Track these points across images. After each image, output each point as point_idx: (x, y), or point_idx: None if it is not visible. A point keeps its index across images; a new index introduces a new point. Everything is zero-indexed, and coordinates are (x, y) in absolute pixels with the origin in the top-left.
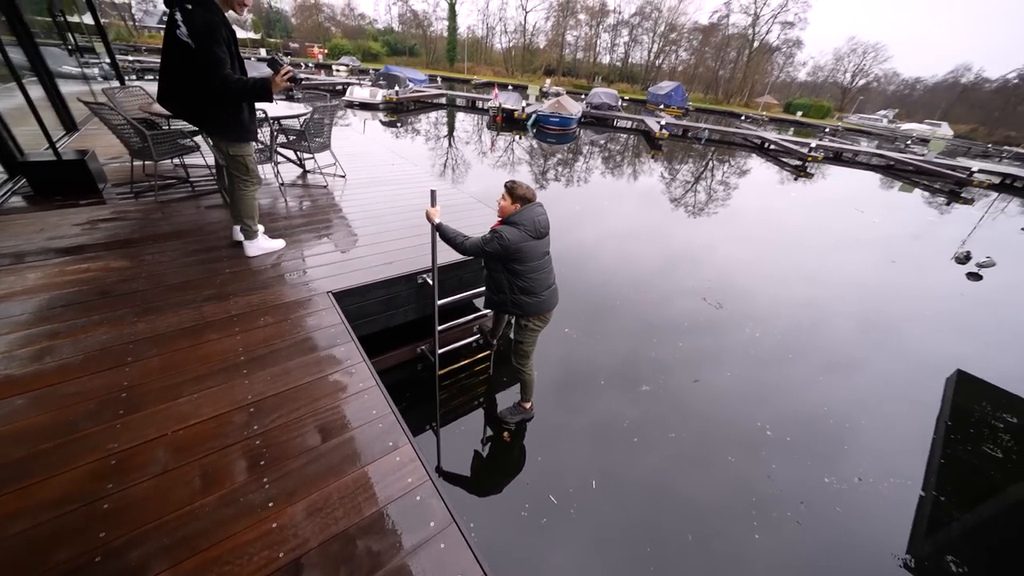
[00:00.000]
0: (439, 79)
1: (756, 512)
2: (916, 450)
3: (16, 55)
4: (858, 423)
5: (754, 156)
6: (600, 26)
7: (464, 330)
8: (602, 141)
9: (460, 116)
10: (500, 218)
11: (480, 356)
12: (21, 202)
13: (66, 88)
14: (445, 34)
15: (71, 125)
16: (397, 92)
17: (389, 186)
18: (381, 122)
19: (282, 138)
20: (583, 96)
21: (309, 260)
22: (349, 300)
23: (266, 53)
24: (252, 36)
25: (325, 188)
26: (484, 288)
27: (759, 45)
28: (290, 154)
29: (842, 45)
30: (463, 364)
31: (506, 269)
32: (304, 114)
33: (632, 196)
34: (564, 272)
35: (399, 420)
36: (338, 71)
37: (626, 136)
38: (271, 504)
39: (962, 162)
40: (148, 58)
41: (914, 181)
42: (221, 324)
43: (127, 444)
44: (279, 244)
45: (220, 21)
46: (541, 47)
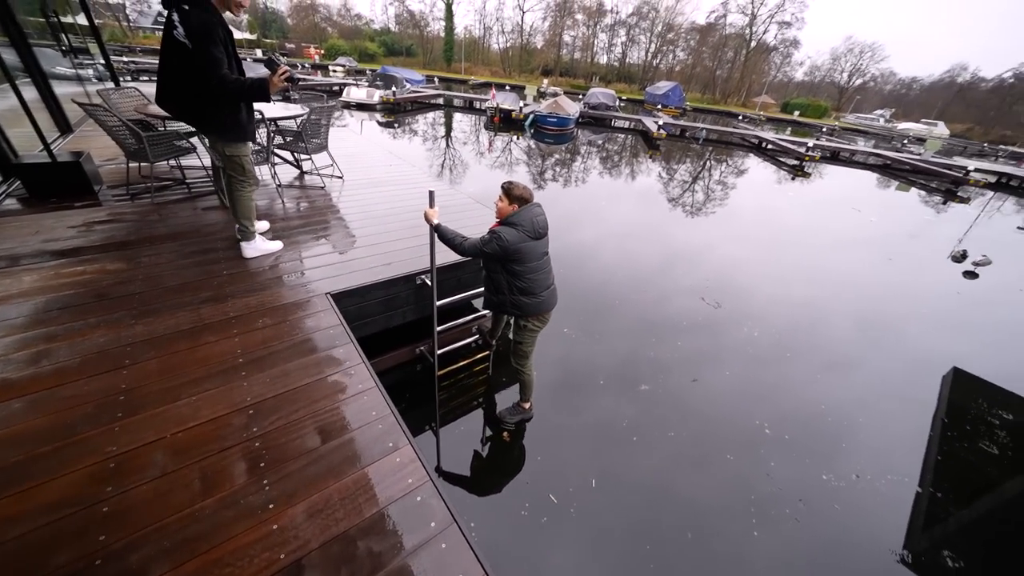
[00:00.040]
0: (436, 79)
1: (755, 510)
2: (913, 447)
3: (9, 56)
4: (856, 421)
5: (751, 156)
6: (597, 26)
7: (463, 331)
8: (600, 141)
9: (458, 117)
10: (498, 219)
11: (479, 357)
12: (16, 204)
13: (60, 89)
14: (442, 34)
15: (66, 127)
16: (394, 93)
17: (387, 187)
18: (378, 123)
19: (279, 139)
20: (581, 96)
21: (307, 261)
22: (348, 301)
23: (262, 54)
24: (248, 37)
25: (323, 189)
26: (483, 289)
27: (756, 45)
28: (287, 155)
29: (839, 45)
30: (462, 365)
31: (505, 270)
32: (301, 115)
33: (630, 196)
34: (563, 272)
35: (399, 421)
36: (334, 72)
37: (624, 136)
38: (271, 506)
39: (958, 161)
40: (143, 59)
41: (911, 180)
42: (219, 326)
43: (126, 447)
44: (277, 246)
45: (217, 21)
46: (538, 47)
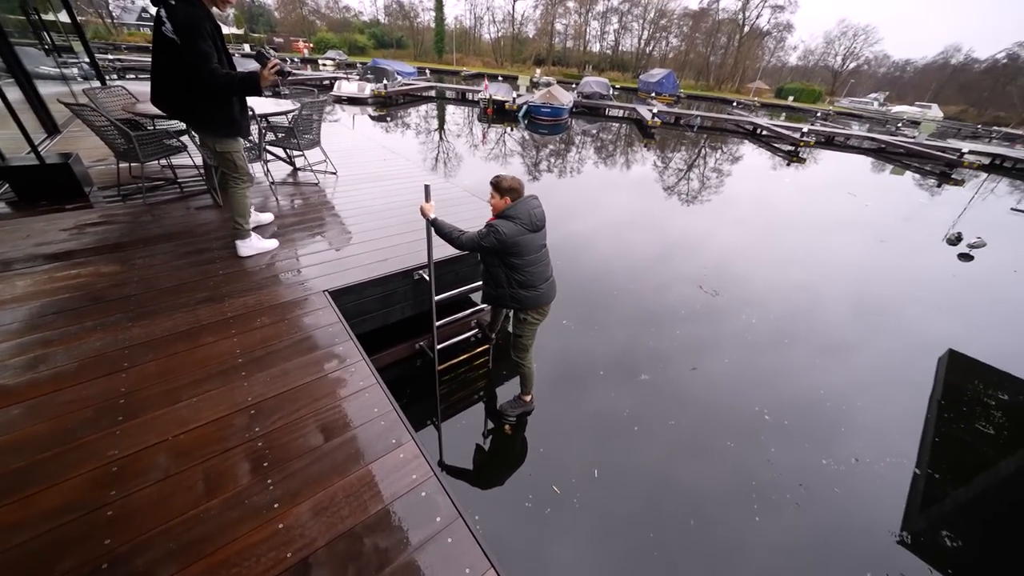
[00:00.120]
0: (428, 71)
1: (756, 496)
2: (910, 430)
3: None
4: (854, 405)
5: (746, 142)
6: (589, 14)
7: (462, 325)
8: (594, 131)
9: (450, 109)
10: (495, 215)
11: (479, 351)
12: (5, 208)
13: (45, 89)
14: (432, 25)
15: (52, 128)
16: (386, 86)
17: (381, 182)
18: (371, 117)
19: (271, 136)
20: (574, 85)
21: (303, 259)
22: (346, 298)
23: (250, 48)
24: (235, 31)
25: (316, 186)
26: (481, 283)
27: (749, 30)
28: (280, 152)
29: (833, 28)
30: (462, 359)
31: (503, 263)
32: (292, 111)
33: (626, 185)
34: (560, 263)
35: (401, 417)
36: (324, 66)
37: (618, 125)
38: (276, 505)
39: (952, 144)
40: (128, 56)
41: (905, 164)
42: (217, 326)
43: (128, 450)
44: (272, 244)
45: (204, 15)
46: (530, 36)
